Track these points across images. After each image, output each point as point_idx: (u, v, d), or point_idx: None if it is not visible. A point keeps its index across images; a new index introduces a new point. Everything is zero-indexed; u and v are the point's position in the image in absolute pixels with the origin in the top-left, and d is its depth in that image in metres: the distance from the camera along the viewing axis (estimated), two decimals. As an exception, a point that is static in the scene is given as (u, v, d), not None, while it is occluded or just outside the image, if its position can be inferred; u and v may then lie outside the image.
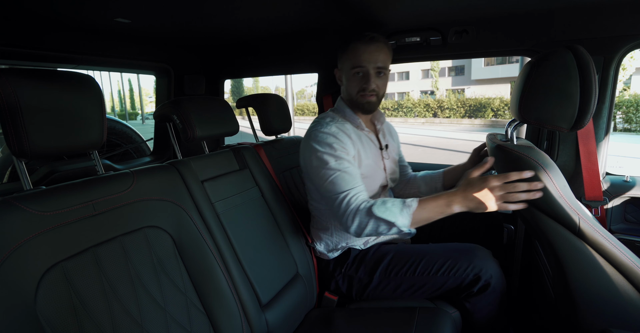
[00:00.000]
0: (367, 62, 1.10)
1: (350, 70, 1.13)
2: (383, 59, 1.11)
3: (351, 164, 1.07)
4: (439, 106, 17.71)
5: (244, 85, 33.32)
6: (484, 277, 1.06)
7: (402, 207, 0.96)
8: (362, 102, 1.14)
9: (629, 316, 0.80)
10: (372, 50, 1.09)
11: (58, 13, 1.26)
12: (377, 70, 1.12)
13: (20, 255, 0.61)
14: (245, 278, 1.01)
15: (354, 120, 1.19)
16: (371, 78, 1.11)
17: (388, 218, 0.94)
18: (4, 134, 0.66)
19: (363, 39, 1.10)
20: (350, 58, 1.12)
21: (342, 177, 1.03)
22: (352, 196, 1.01)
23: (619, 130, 10.83)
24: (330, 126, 1.12)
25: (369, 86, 1.11)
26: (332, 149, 1.07)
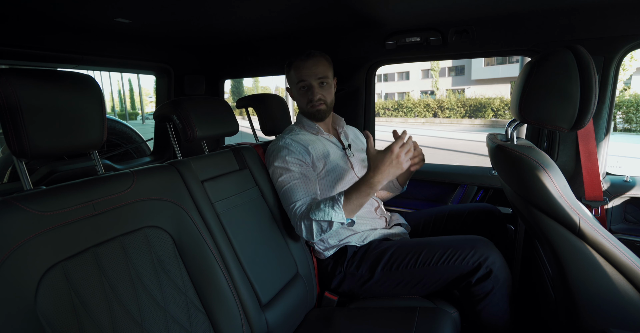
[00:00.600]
0: (307, 76, 1.24)
1: (296, 85, 1.28)
2: (322, 70, 1.25)
3: (302, 174, 1.18)
4: (439, 106, 17.71)
5: (244, 85, 33.32)
6: (485, 264, 1.06)
7: (332, 203, 1.05)
8: (313, 111, 1.29)
9: (629, 316, 0.80)
10: (311, 65, 1.24)
11: (58, 13, 1.26)
12: (319, 81, 1.26)
13: (21, 255, 0.61)
14: (245, 278, 1.01)
15: (312, 127, 1.33)
16: (315, 89, 1.25)
17: (324, 218, 1.05)
18: (4, 134, 0.66)
19: (301, 57, 1.25)
20: (294, 75, 1.27)
21: (291, 189, 1.16)
22: (298, 207, 1.13)
23: (619, 130, 10.83)
24: (284, 139, 1.27)
25: (314, 97, 1.26)
26: (282, 162, 1.20)
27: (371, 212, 1.33)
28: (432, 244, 1.15)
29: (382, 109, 19.88)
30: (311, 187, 1.17)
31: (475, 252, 1.08)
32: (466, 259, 1.08)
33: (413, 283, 1.14)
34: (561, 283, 0.87)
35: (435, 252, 1.12)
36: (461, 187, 1.72)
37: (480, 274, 1.06)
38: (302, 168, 1.19)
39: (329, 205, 1.05)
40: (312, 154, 1.25)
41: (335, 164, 1.28)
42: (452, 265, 1.09)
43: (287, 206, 1.17)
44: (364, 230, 1.27)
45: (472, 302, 1.10)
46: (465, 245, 1.10)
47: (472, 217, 1.37)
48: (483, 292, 1.08)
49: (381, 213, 1.37)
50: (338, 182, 1.28)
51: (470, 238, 1.15)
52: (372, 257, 1.18)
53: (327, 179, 1.26)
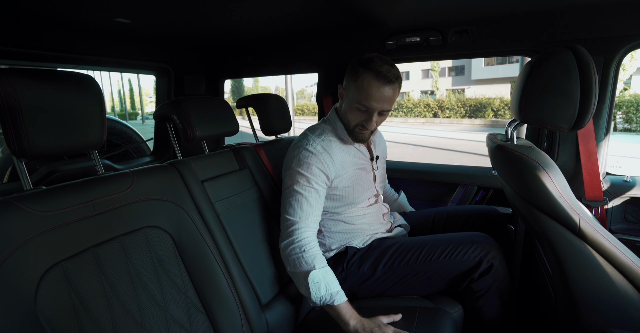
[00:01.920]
0: (376, 104, 1.06)
1: (356, 103, 1.08)
2: (392, 101, 1.08)
3: (317, 193, 1.10)
4: (439, 106, 17.70)
5: (244, 85, 33.32)
6: (486, 259, 1.06)
7: (329, 293, 0.99)
8: (357, 134, 1.15)
9: (629, 316, 0.80)
10: (386, 95, 1.05)
11: (58, 13, 1.26)
12: (382, 111, 1.09)
13: (21, 255, 0.61)
14: (245, 278, 1.01)
15: (344, 135, 1.18)
16: (373, 118, 1.09)
17: (311, 290, 0.98)
18: (4, 134, 0.66)
19: (379, 76, 1.03)
20: (360, 92, 1.06)
21: (301, 203, 1.07)
22: (300, 228, 1.05)
23: (619, 130, 10.83)
24: (316, 144, 1.13)
25: (370, 126, 1.10)
26: (307, 169, 1.09)
27: (379, 218, 1.32)
28: (434, 241, 1.15)
29: (382, 109, 19.83)
30: (319, 207, 1.11)
31: (477, 247, 1.08)
32: (467, 254, 1.08)
33: (414, 280, 1.14)
34: (561, 283, 0.87)
35: (437, 248, 1.12)
36: (461, 187, 1.72)
37: (482, 269, 1.07)
38: (321, 185, 1.12)
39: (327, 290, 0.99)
40: (339, 166, 1.15)
41: (359, 175, 1.21)
42: (454, 260, 1.09)
43: (286, 216, 1.09)
44: (367, 235, 1.27)
45: (473, 298, 1.10)
46: (467, 240, 1.11)
47: (471, 219, 1.37)
48: (484, 287, 1.08)
49: (388, 219, 1.37)
50: (357, 195, 1.21)
51: (471, 234, 1.15)
52: (374, 255, 1.18)
53: (347, 192, 1.19)
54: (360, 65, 1.07)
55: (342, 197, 1.19)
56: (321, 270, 1.01)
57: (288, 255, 1.05)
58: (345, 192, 1.19)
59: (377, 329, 0.95)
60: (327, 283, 1.00)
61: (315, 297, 0.99)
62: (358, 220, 1.25)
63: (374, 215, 1.29)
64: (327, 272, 1.02)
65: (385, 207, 1.37)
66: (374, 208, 1.30)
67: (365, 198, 1.26)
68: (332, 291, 0.99)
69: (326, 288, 0.99)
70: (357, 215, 1.25)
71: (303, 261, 1.02)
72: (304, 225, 1.07)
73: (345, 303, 1.00)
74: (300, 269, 1.02)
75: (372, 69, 1.04)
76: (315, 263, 1.01)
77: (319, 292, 0.99)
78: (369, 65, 1.05)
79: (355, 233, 1.25)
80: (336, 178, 1.15)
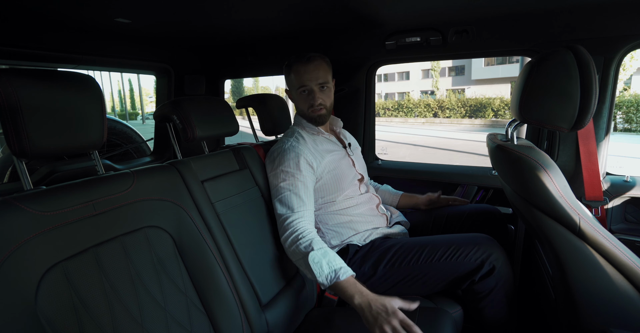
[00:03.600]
0: (309, 81, 1.23)
1: (297, 90, 1.26)
2: (323, 74, 1.24)
3: (304, 185, 1.17)
4: (439, 106, 17.70)
5: (244, 85, 33.32)
6: (488, 261, 1.06)
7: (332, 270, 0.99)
8: (314, 116, 1.28)
9: (629, 316, 0.80)
10: (312, 69, 1.22)
11: (58, 13, 1.26)
12: (320, 86, 1.25)
13: (21, 255, 0.61)
14: (245, 278, 1.01)
15: (312, 129, 1.32)
16: (316, 94, 1.24)
17: (314, 271, 0.99)
18: (4, 134, 0.66)
19: (302, 60, 1.23)
20: (294, 79, 1.25)
21: (290, 198, 1.14)
22: (295, 219, 1.11)
23: (619, 130, 10.83)
24: (289, 142, 1.25)
25: (315, 102, 1.24)
26: (288, 165, 1.18)
27: (373, 210, 1.33)
28: (436, 241, 1.15)
29: (383, 109, 19.88)
30: (309, 198, 1.17)
31: (479, 248, 1.08)
32: (469, 256, 1.08)
33: (415, 280, 1.14)
34: (561, 283, 0.87)
35: (439, 249, 1.12)
36: (461, 187, 1.72)
37: (484, 271, 1.06)
38: (305, 177, 1.18)
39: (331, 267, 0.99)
40: (317, 155, 1.25)
41: (338, 162, 1.29)
42: (455, 262, 1.08)
43: (280, 212, 1.14)
44: (366, 230, 1.27)
45: (475, 299, 1.10)
46: (469, 242, 1.11)
47: (471, 218, 1.37)
48: (486, 288, 1.08)
49: (382, 211, 1.37)
50: (341, 179, 1.28)
51: (473, 235, 1.15)
52: (375, 254, 1.18)
53: (331, 178, 1.26)
54: (287, 64, 1.28)
55: (327, 185, 1.26)
56: (319, 250, 1.03)
57: (288, 248, 1.08)
58: (330, 178, 1.26)
59: (383, 314, 0.87)
60: (328, 261, 1.01)
61: (321, 277, 0.99)
62: (353, 211, 1.28)
63: (366, 205, 1.32)
64: (327, 252, 1.03)
65: (376, 198, 1.39)
66: (365, 198, 1.33)
67: (352, 184, 1.31)
68: (335, 267, 1.00)
69: (328, 266, 1.00)
70: (350, 206, 1.29)
71: (301, 247, 1.05)
72: (297, 217, 1.11)
73: (350, 278, 0.99)
74: (300, 255, 1.04)
75: (293, 60, 1.26)
76: (313, 245, 1.04)
77: (322, 271, 0.99)
78: (292, 59, 1.26)
79: (352, 226, 1.27)
80: (319, 167, 1.23)
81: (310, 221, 1.14)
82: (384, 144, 9.88)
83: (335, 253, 1.05)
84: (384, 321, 0.85)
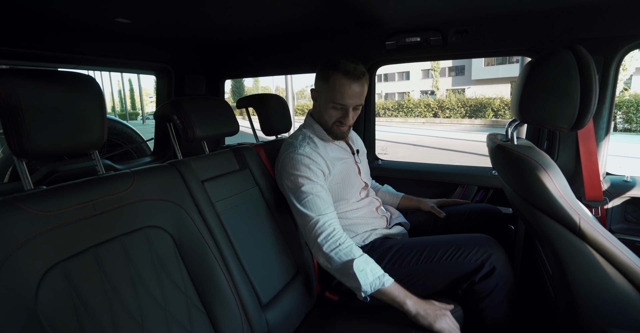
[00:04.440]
0: (349, 100, 1.14)
1: (331, 102, 1.16)
2: (363, 96, 1.16)
3: (323, 188, 1.13)
4: (439, 106, 17.70)
5: (244, 85, 33.32)
6: (489, 261, 1.06)
7: (376, 277, 1.00)
8: (337, 132, 1.22)
9: (629, 316, 0.80)
10: (357, 91, 1.13)
11: (58, 13, 1.26)
12: (356, 106, 1.17)
13: (21, 255, 0.61)
14: (245, 278, 1.01)
15: (324, 134, 1.26)
16: (349, 115, 1.17)
17: (360, 280, 0.99)
18: (4, 134, 0.66)
19: (348, 75, 1.10)
20: (333, 92, 1.13)
21: (314, 201, 1.09)
22: (325, 222, 1.07)
23: (619, 130, 10.83)
24: (303, 148, 1.18)
25: (347, 122, 1.18)
26: (306, 171, 1.13)
27: (373, 212, 1.33)
28: (436, 242, 1.15)
29: (383, 109, 19.89)
30: (331, 202, 1.14)
31: (479, 249, 1.08)
32: (469, 256, 1.07)
33: (415, 280, 1.14)
34: (561, 283, 0.87)
35: (439, 249, 1.12)
36: (461, 187, 1.72)
37: (484, 272, 1.06)
38: (322, 181, 1.16)
39: (374, 274, 1.00)
40: (329, 163, 1.21)
41: (346, 169, 1.26)
42: (456, 263, 1.08)
43: (306, 218, 1.09)
44: (366, 231, 1.27)
45: (475, 299, 1.10)
46: (469, 242, 1.10)
47: (472, 217, 1.37)
48: (487, 289, 1.08)
49: (382, 212, 1.37)
50: (347, 189, 1.25)
51: (474, 236, 1.15)
52: (375, 255, 1.18)
53: (337, 186, 1.24)
54: (328, 67, 1.14)
55: (333, 193, 1.23)
56: (361, 257, 1.03)
57: (325, 253, 1.05)
58: (337, 188, 1.23)
59: (437, 311, 0.98)
60: (371, 268, 1.01)
61: (366, 284, 0.99)
62: (352, 215, 1.28)
63: (366, 208, 1.31)
64: (368, 258, 1.04)
65: (377, 201, 1.39)
66: (365, 202, 1.33)
67: (356, 191, 1.30)
68: (378, 274, 1.01)
69: (372, 273, 1.00)
70: (350, 210, 1.28)
71: (342, 254, 1.03)
72: (328, 219, 1.08)
73: (394, 284, 1.01)
74: (342, 262, 1.03)
75: (341, 69, 1.11)
76: (354, 252, 1.03)
77: (367, 279, 1.00)
78: (337, 66, 1.12)
79: (352, 228, 1.26)
80: (329, 175, 1.20)
81: (338, 222, 1.12)
82: (384, 144, 9.88)
83: (372, 260, 1.05)
84: (441, 316, 0.97)
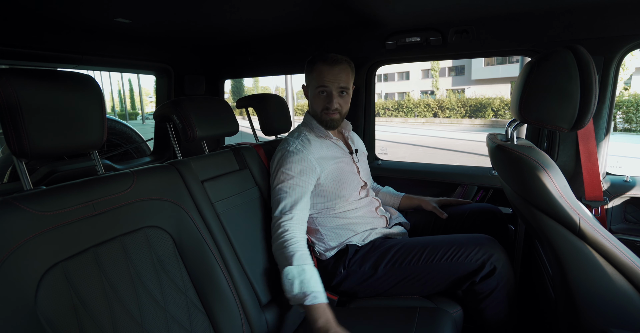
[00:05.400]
0: (330, 83, 1.19)
1: (315, 89, 1.23)
2: (345, 79, 1.21)
3: (301, 187, 1.16)
4: (439, 106, 17.71)
5: (244, 85, 33.33)
6: (489, 261, 1.05)
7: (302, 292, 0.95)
8: (326, 119, 1.25)
9: (629, 316, 0.80)
10: (336, 72, 1.18)
11: (58, 13, 1.26)
12: (340, 90, 1.21)
13: (21, 255, 0.61)
14: (245, 278, 1.01)
15: (321, 131, 1.28)
16: (334, 98, 1.21)
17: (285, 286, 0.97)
18: (4, 134, 0.66)
19: (327, 61, 1.19)
20: (315, 78, 1.21)
21: (285, 199, 1.14)
22: (283, 221, 1.10)
23: (619, 130, 10.83)
24: (295, 144, 1.23)
25: (331, 105, 1.21)
26: (290, 168, 1.17)
27: (372, 212, 1.33)
28: (437, 241, 1.15)
29: (382, 109, 19.89)
30: (304, 205, 1.16)
31: (480, 249, 1.07)
32: (470, 256, 1.07)
33: (416, 280, 1.14)
34: (561, 283, 0.87)
35: (440, 249, 1.11)
36: (461, 187, 1.72)
37: (485, 272, 1.06)
38: (305, 182, 1.17)
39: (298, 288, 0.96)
40: (321, 161, 1.22)
41: (342, 168, 1.27)
42: (456, 263, 1.08)
43: (274, 211, 1.14)
44: (365, 230, 1.27)
45: (475, 300, 1.10)
46: (470, 242, 1.10)
47: (472, 217, 1.37)
48: (487, 289, 1.07)
49: (382, 213, 1.37)
50: (343, 187, 1.26)
51: (474, 236, 1.14)
52: (376, 254, 1.18)
53: (332, 185, 1.25)
54: (310, 61, 1.24)
55: (329, 191, 1.24)
56: (297, 267, 1.00)
57: (275, 251, 1.08)
58: (332, 186, 1.24)
59: None
60: (301, 281, 0.97)
61: (289, 294, 0.96)
62: (352, 214, 1.28)
63: (366, 208, 1.32)
64: (305, 271, 0.99)
65: (376, 201, 1.39)
66: (365, 202, 1.33)
67: (354, 190, 1.30)
68: (305, 290, 0.95)
69: (300, 287, 0.96)
70: (349, 210, 1.28)
71: (283, 256, 1.04)
72: (287, 219, 1.10)
73: (320, 304, 0.94)
74: (280, 264, 1.04)
75: (320, 58, 1.21)
76: (293, 259, 1.01)
77: (292, 289, 0.96)
78: (317, 57, 1.22)
79: (351, 228, 1.26)
80: (322, 173, 1.22)
81: (301, 225, 1.12)
82: (383, 143, 9.88)
83: (312, 274, 1.00)
84: None
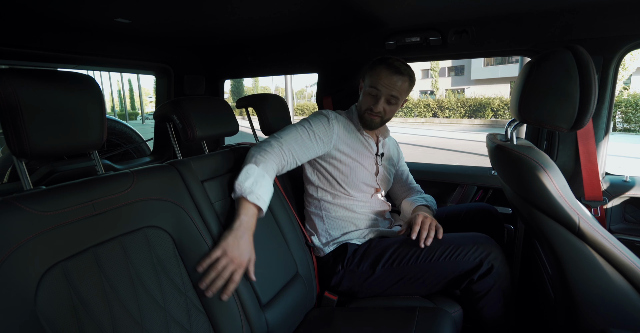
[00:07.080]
0: (383, 87, 1.20)
1: (368, 88, 1.24)
2: (399, 90, 1.21)
3: (310, 137, 1.19)
4: (438, 106, 17.71)
5: (244, 85, 33.32)
6: (487, 260, 1.06)
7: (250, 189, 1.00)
8: (367, 118, 1.27)
9: (629, 316, 0.80)
10: (393, 80, 1.19)
11: (58, 13, 1.26)
12: (390, 97, 1.22)
13: (20, 255, 0.61)
14: (245, 278, 1.01)
15: (357, 122, 1.31)
16: (381, 101, 1.22)
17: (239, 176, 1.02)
18: (4, 134, 0.66)
19: (390, 67, 1.19)
20: (373, 78, 1.22)
21: (290, 131, 1.18)
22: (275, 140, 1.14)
23: (618, 130, 10.84)
24: (330, 112, 1.27)
25: (376, 108, 1.23)
26: (312, 120, 1.22)
27: (379, 213, 1.35)
28: (435, 241, 1.15)
29: (382, 109, 19.85)
30: (302, 147, 1.18)
31: (477, 248, 1.08)
32: (468, 255, 1.08)
33: (414, 280, 1.14)
34: (561, 283, 0.87)
35: (437, 248, 1.12)
36: (460, 187, 1.72)
37: (483, 270, 1.07)
38: (318, 134, 1.21)
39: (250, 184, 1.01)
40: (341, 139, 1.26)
41: (361, 163, 1.28)
42: (454, 261, 1.09)
43: (274, 134, 1.18)
44: (366, 227, 1.28)
45: (473, 299, 1.10)
46: (467, 241, 1.11)
47: (469, 216, 1.38)
48: (485, 288, 1.08)
49: (387, 216, 1.39)
50: (353, 176, 1.28)
51: (472, 235, 1.15)
52: (373, 254, 1.18)
53: (345, 168, 1.26)
54: (377, 61, 1.24)
55: (337, 172, 1.26)
56: (261, 171, 1.04)
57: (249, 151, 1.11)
58: (342, 169, 1.26)
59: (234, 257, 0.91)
60: (257, 182, 1.01)
61: (240, 183, 1.00)
62: (359, 209, 1.29)
63: (373, 208, 1.33)
64: (265, 177, 1.04)
65: (387, 205, 1.39)
66: (374, 203, 1.33)
67: (362, 187, 1.30)
68: (254, 189, 0.99)
69: (252, 184, 1.00)
70: (356, 203, 1.29)
71: (254, 158, 1.07)
72: (278, 144, 1.12)
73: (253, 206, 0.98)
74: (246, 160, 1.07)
75: (385, 62, 1.21)
76: (261, 165, 1.05)
77: (244, 181, 1.00)
78: (384, 60, 1.22)
79: (354, 221, 1.28)
80: (334, 149, 1.25)
81: (283, 155, 1.13)
82: (383, 143, 9.84)
83: (271, 189, 1.05)
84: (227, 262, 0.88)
